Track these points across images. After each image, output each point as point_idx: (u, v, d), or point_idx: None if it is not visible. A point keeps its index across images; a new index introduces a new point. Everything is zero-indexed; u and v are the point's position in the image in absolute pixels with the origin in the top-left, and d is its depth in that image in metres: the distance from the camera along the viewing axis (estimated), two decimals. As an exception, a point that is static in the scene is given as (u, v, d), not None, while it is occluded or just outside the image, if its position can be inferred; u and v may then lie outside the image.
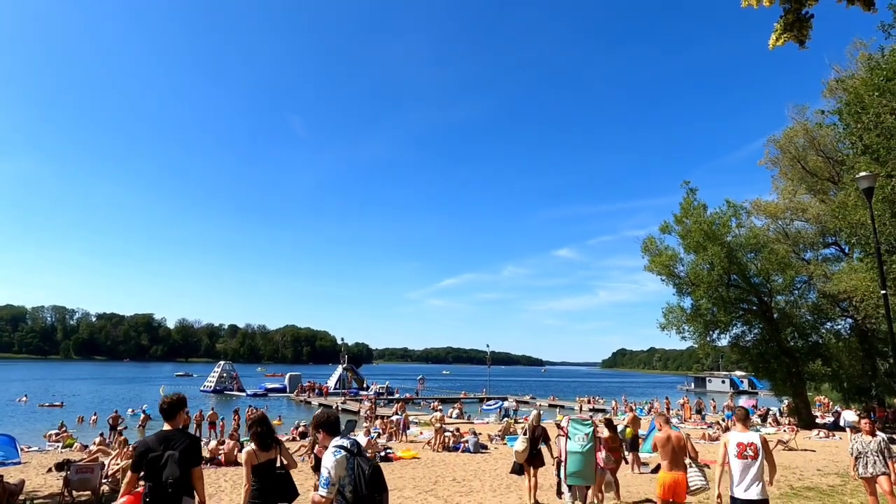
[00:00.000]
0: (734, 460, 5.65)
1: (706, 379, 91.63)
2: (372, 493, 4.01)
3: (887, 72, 12.67)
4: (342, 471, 4.02)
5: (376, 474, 4.10)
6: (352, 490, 4.00)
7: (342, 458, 4.05)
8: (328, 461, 4.04)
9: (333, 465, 4.00)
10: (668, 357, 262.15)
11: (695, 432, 23.28)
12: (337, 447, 4.13)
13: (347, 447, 4.15)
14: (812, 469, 13.98)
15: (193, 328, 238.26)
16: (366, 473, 4.04)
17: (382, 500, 4.10)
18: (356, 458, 4.10)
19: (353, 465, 4.06)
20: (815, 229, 29.90)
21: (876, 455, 7.90)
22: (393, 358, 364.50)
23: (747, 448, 5.61)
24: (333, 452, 4.07)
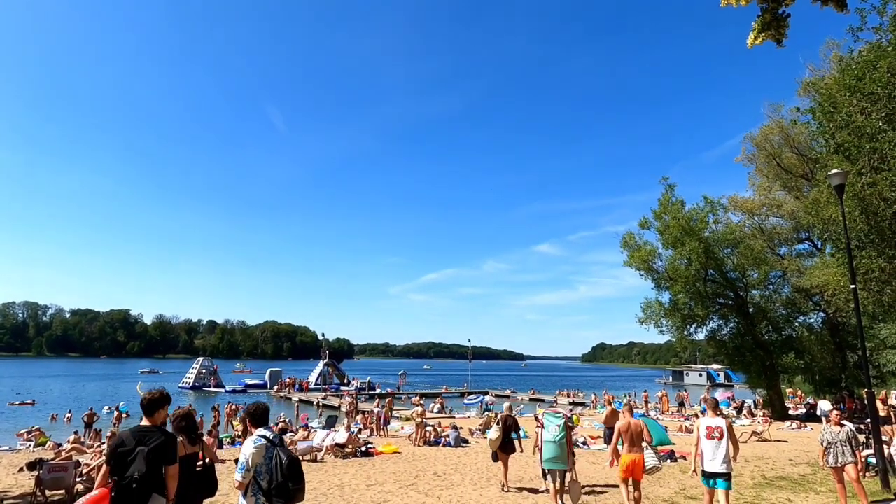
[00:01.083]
0: (704, 441, 6.94)
1: (684, 372, 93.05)
2: (286, 482, 4.21)
3: (857, 72, 12.95)
4: (259, 458, 4.26)
5: (293, 466, 4.31)
6: (267, 479, 4.22)
7: (261, 446, 4.30)
8: (247, 448, 4.29)
9: (252, 453, 4.25)
10: (646, 351, 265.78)
11: (672, 424, 23.67)
12: (259, 436, 4.38)
13: (269, 437, 4.39)
14: (784, 459, 14.32)
15: (171, 324, 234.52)
16: (283, 463, 4.25)
17: (297, 490, 4.29)
18: (276, 448, 4.34)
19: (272, 454, 4.29)
20: (790, 225, 30.53)
21: (844, 445, 8.15)
22: (374, 353, 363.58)
23: (714, 431, 6.88)
24: (254, 441, 4.33)
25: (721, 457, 6.77)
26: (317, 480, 11.42)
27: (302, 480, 4.38)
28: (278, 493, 4.21)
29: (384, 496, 9.87)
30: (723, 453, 6.77)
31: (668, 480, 11.32)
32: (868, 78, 12.61)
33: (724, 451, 6.77)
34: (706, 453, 6.90)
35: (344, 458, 14.70)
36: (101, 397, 45.30)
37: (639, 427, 8.01)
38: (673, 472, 12.31)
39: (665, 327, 28.88)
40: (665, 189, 28.72)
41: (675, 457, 14.33)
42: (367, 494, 10.02)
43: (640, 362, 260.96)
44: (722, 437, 6.84)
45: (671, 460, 13.96)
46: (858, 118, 12.88)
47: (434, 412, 31.85)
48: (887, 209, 12.97)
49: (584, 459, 13.93)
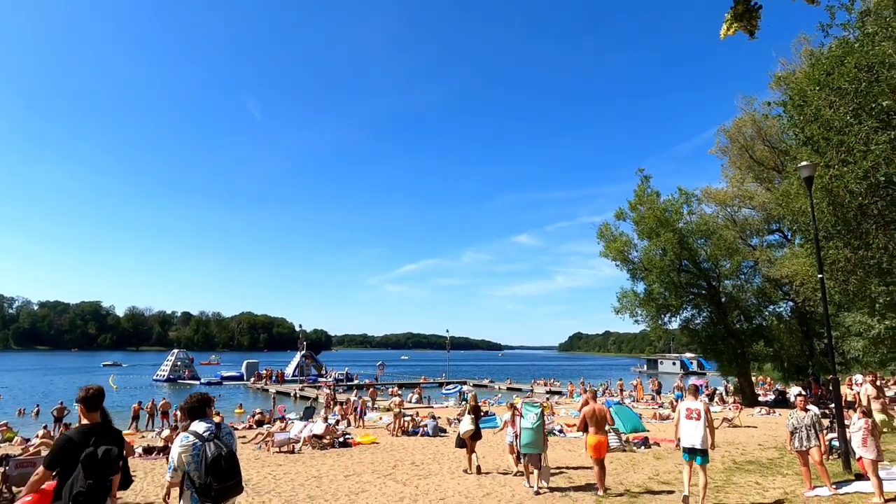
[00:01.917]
0: (684, 421, 7.89)
1: (658, 361, 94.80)
2: (209, 481, 3.94)
3: (827, 67, 13.20)
4: (188, 457, 4.00)
5: (220, 463, 4.00)
6: (197, 476, 3.98)
7: (188, 444, 4.04)
8: (175, 447, 4.05)
9: (177, 452, 4.01)
10: (622, 340, 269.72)
11: (647, 412, 24.11)
12: (188, 432, 4.13)
13: (199, 433, 4.12)
14: (754, 444, 14.70)
15: (144, 316, 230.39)
16: (207, 460, 3.97)
17: (222, 490, 3.99)
18: (206, 443, 4.05)
19: (200, 450, 4.01)
20: (761, 216, 31.15)
21: (809, 429, 8.42)
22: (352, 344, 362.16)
23: (693, 412, 7.85)
24: (182, 438, 4.09)
25: (699, 434, 7.69)
26: (294, 472, 11.37)
27: (230, 479, 4.05)
28: (203, 493, 3.96)
29: (362, 486, 9.88)
30: (700, 432, 7.69)
31: (643, 466, 11.54)
32: (837, 73, 12.87)
33: (702, 430, 7.69)
34: (686, 432, 7.83)
35: (322, 449, 14.66)
36: (72, 391, 44.31)
37: (603, 412, 9.06)
38: (647, 459, 12.55)
39: (640, 317, 29.35)
40: (641, 180, 29.08)
41: (650, 443, 14.59)
42: (345, 485, 10.01)
43: (616, 351, 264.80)
44: (700, 417, 7.77)
45: (645, 447, 14.21)
46: (827, 112, 13.16)
47: (412, 402, 31.93)
48: (853, 201, 13.31)
49: (561, 447, 14.12)
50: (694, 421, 7.83)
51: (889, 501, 7.58)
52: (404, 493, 9.23)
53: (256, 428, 20.11)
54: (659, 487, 9.39)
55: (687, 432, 7.84)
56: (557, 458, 12.41)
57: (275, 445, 14.53)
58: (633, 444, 14.37)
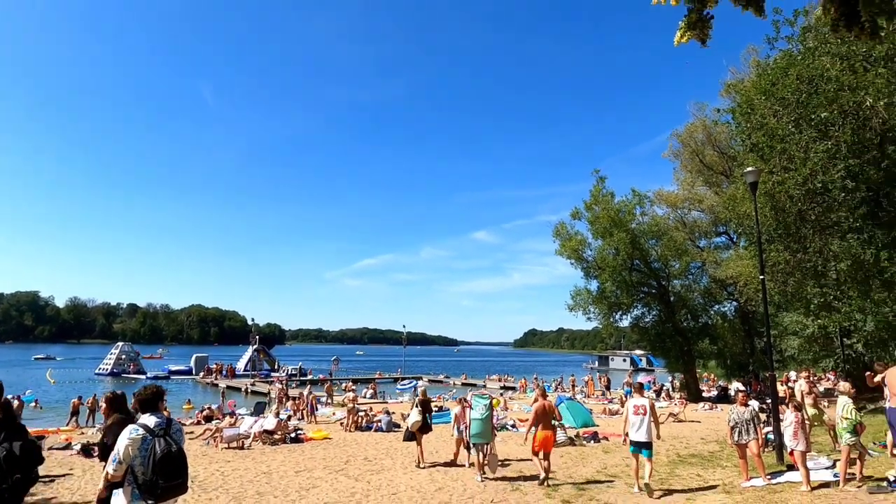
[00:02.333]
0: (632, 416, 8.55)
1: (609, 357, 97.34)
2: (156, 479, 3.85)
3: (772, 78, 13.86)
4: (134, 451, 3.89)
5: (168, 460, 3.92)
6: (142, 472, 3.88)
7: (137, 437, 3.93)
8: (122, 439, 3.92)
9: (125, 444, 3.89)
10: (575, 337, 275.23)
11: (597, 407, 24.70)
12: (136, 426, 4.01)
13: (150, 427, 4.02)
14: (697, 438, 15.30)
15: (87, 307, 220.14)
16: (156, 456, 3.89)
17: (169, 487, 3.92)
18: (156, 438, 3.96)
19: (149, 446, 3.93)
20: (709, 219, 32.38)
21: (748, 424, 8.84)
22: (307, 339, 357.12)
23: (640, 409, 8.52)
24: (131, 431, 3.96)
25: (644, 429, 8.38)
26: (243, 468, 11.15)
27: (177, 478, 3.99)
28: (147, 490, 3.86)
29: (313, 482, 9.77)
30: (646, 427, 8.38)
31: (591, 460, 11.84)
32: (781, 84, 13.52)
33: (647, 424, 8.39)
34: (633, 427, 8.48)
35: (273, 445, 14.42)
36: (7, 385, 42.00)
37: (551, 408, 9.63)
38: (595, 453, 12.88)
39: (593, 314, 30.02)
40: (596, 181, 29.67)
41: (599, 438, 14.96)
42: (296, 481, 9.88)
43: (569, 348, 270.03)
44: (645, 413, 8.44)
45: (594, 441, 14.57)
46: (771, 121, 13.80)
47: (367, 398, 31.74)
48: (793, 207, 14.02)
49: (513, 441, 14.31)
50: (640, 416, 8.45)
51: (815, 489, 8.04)
52: (356, 489, 9.18)
53: (205, 423, 19.59)
54: (606, 480, 9.67)
55: (634, 427, 8.46)
56: (510, 451, 12.59)
57: (224, 441, 14.20)
58: (583, 438, 14.71)
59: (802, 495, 7.84)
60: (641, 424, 8.41)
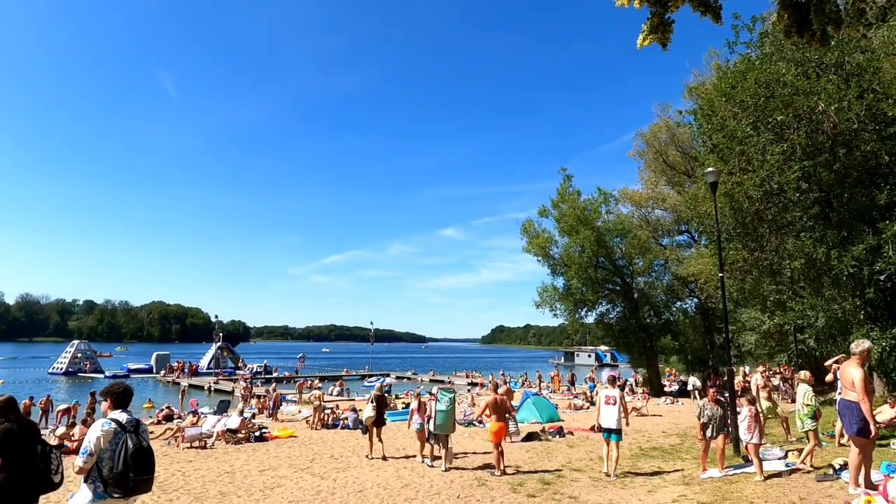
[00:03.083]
0: (603, 406, 9.43)
1: (574, 353, 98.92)
2: (127, 472, 3.93)
3: (731, 81, 14.28)
4: (105, 444, 3.96)
5: (140, 455, 4.01)
6: (109, 466, 3.94)
7: (109, 430, 4.00)
8: (93, 432, 3.99)
9: (96, 437, 3.95)
10: (542, 333, 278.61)
11: (563, 402, 25.07)
12: (109, 420, 4.08)
13: (121, 422, 4.09)
14: (658, 432, 15.69)
15: (39, 304, 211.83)
16: (128, 451, 3.97)
17: (139, 482, 4.01)
18: (127, 434, 4.05)
19: (120, 440, 4.00)
20: (672, 218, 33.17)
21: (722, 420, 9.25)
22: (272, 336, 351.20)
23: (611, 399, 9.37)
24: (103, 424, 4.04)
25: (614, 417, 9.23)
26: (205, 468, 10.93)
27: (148, 473, 4.09)
28: (116, 483, 3.91)
29: (277, 480, 9.65)
30: (615, 415, 9.25)
31: (556, 455, 12.02)
32: (740, 87, 13.94)
33: (617, 413, 9.27)
34: (604, 415, 9.37)
35: (236, 444, 14.17)
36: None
37: (504, 401, 10.40)
38: (561, 447, 13.08)
39: (559, 311, 30.50)
40: (563, 179, 30.11)
41: (564, 433, 15.18)
42: (260, 479, 9.75)
43: (536, 344, 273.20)
44: (615, 403, 9.31)
45: (560, 436, 14.79)
46: (731, 123, 14.22)
47: (333, 395, 31.47)
48: (751, 206, 14.48)
49: (480, 437, 14.40)
50: (611, 406, 9.32)
51: (768, 479, 8.37)
52: (322, 487, 9.11)
53: (165, 423, 19.11)
54: (571, 474, 9.83)
55: (605, 415, 9.33)
56: (476, 446, 12.69)
57: (185, 441, 13.89)
58: (548, 433, 14.90)
59: (756, 485, 8.15)
60: (612, 413, 9.26)
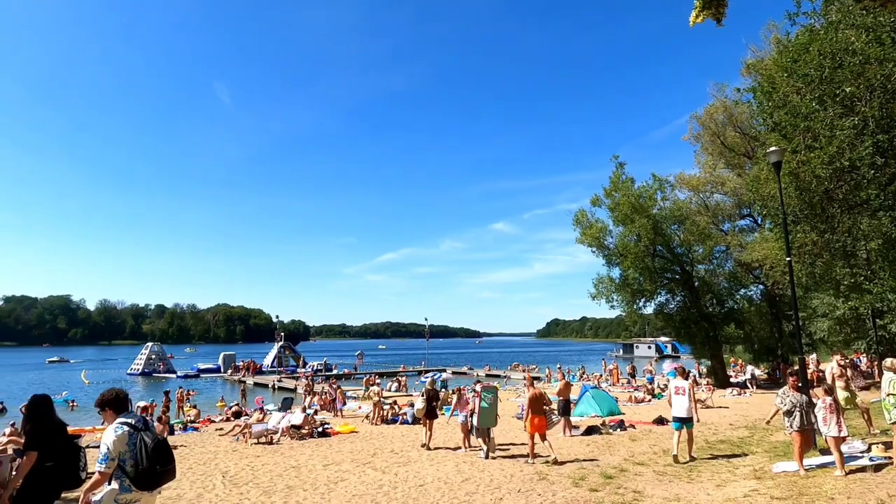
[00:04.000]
0: (674, 396, 10.05)
1: (634, 345, 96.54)
2: (153, 466, 4.18)
3: (793, 54, 13.46)
4: (123, 446, 4.16)
5: (160, 449, 4.28)
6: (133, 464, 4.15)
7: (123, 433, 4.20)
8: (108, 437, 4.18)
9: (113, 441, 4.14)
10: (598, 325, 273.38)
11: (622, 395, 24.55)
12: (120, 423, 4.27)
13: (132, 423, 4.30)
14: (725, 424, 15.11)
15: (116, 309, 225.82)
16: (148, 447, 4.22)
17: (165, 472, 4.31)
18: (140, 433, 4.27)
19: (136, 440, 4.21)
20: (733, 202, 31.75)
21: (807, 407, 8.57)
22: (331, 334, 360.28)
23: (680, 389, 9.98)
24: (115, 429, 4.23)
25: (685, 407, 9.80)
26: (272, 462, 11.33)
27: (169, 462, 4.35)
28: (143, 477, 4.16)
29: (341, 475, 9.89)
30: (686, 404, 9.80)
31: (618, 448, 11.78)
32: (802, 60, 13.13)
33: (687, 402, 9.81)
34: (675, 405, 9.94)
35: (300, 440, 14.62)
36: (44, 386, 43.31)
37: (543, 395, 10.85)
38: (622, 441, 12.81)
39: (616, 302, 29.79)
40: (616, 167, 29.35)
41: (625, 426, 14.87)
42: (324, 474, 10.02)
43: (593, 336, 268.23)
44: (685, 393, 9.85)
45: (621, 429, 14.49)
46: (794, 98, 13.43)
47: (392, 391, 32.00)
48: (818, 186, 13.64)
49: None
50: (681, 396, 9.85)
51: (850, 474, 7.88)
52: (384, 481, 9.27)
53: (234, 420, 19.94)
54: (634, 468, 9.60)
55: (676, 405, 9.89)
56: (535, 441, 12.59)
57: (252, 437, 14.44)
58: (609, 426, 14.64)
59: (836, 480, 7.70)
60: (682, 403, 9.81)
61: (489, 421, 11.23)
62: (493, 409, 11.33)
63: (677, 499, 7.54)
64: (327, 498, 8.28)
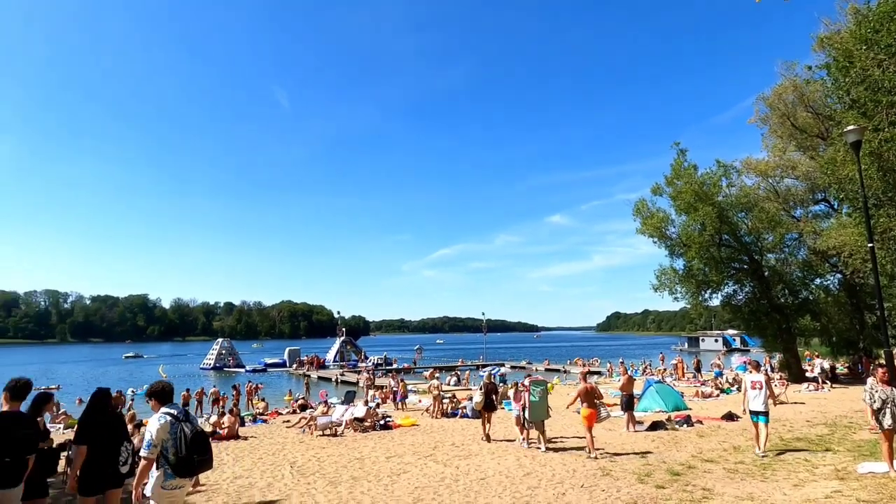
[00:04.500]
0: (750, 390, 9.96)
1: (699, 338, 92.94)
2: (191, 455, 4.50)
3: (874, 24, 12.50)
4: (165, 434, 4.50)
5: (198, 439, 4.60)
6: (174, 452, 4.47)
7: (166, 423, 4.55)
8: (153, 425, 4.54)
9: (156, 429, 4.50)
10: (661, 318, 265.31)
11: (688, 390, 23.73)
12: (163, 413, 4.63)
13: (174, 414, 4.64)
14: (801, 421, 14.33)
15: (189, 307, 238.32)
16: (187, 437, 4.54)
17: (202, 461, 4.63)
18: (181, 423, 4.61)
19: (177, 429, 4.56)
20: (805, 186, 29.92)
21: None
22: (390, 329, 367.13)
23: (756, 383, 9.93)
24: (159, 418, 4.59)
25: (761, 400, 9.76)
26: (337, 454, 11.66)
27: (207, 452, 4.64)
28: (182, 465, 4.47)
29: (403, 467, 10.06)
30: (762, 398, 9.76)
31: (686, 445, 11.40)
32: (885, 30, 12.20)
33: (763, 396, 9.77)
34: (751, 398, 9.88)
35: (363, 432, 14.96)
36: (124, 380, 46.29)
37: (594, 389, 11.05)
38: (689, 437, 12.39)
39: (679, 294, 28.74)
40: (677, 154, 28.25)
41: (692, 421, 14.36)
42: (387, 466, 10.22)
43: (656, 330, 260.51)
44: (761, 387, 9.82)
45: (688, 425, 14.01)
46: (875, 72, 12.50)
47: (451, 385, 32.22)
48: (905, 165, 12.68)
49: (601, 426, 14.00)
50: (757, 390, 9.82)
51: (948, 477, 7.29)
52: (445, 474, 9.36)
53: (299, 412, 20.66)
54: (703, 465, 9.26)
55: (752, 399, 9.83)
56: (599, 437, 12.32)
57: (318, 429, 14.91)
58: (675, 422, 14.19)
59: (930, 482, 7.15)
60: (758, 396, 9.77)
61: (540, 414, 11.46)
62: (542, 402, 11.53)
63: (750, 498, 7.21)
64: (391, 489, 8.44)
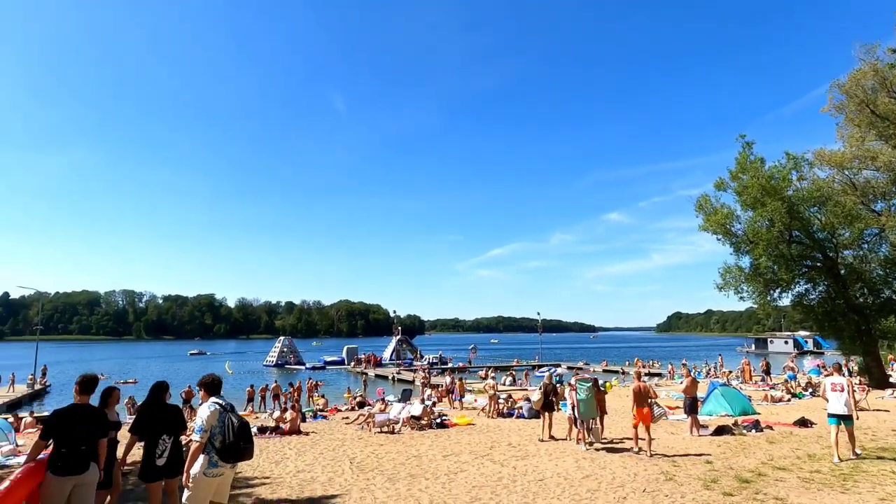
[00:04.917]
0: (830, 393, 9.85)
1: (768, 340, 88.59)
2: (238, 441, 4.93)
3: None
4: (214, 421, 4.96)
5: (244, 428, 5.01)
6: (221, 439, 4.92)
7: (216, 411, 4.99)
8: (203, 412, 5.01)
9: (207, 416, 4.97)
10: (725, 319, 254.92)
11: (756, 394, 22.64)
12: (213, 403, 5.11)
13: (222, 404, 5.11)
14: (886, 429, 13.41)
15: (252, 306, 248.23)
16: (234, 426, 4.96)
17: (247, 448, 5.02)
18: (228, 413, 5.05)
19: (225, 418, 4.99)
20: (887, 177, 27.86)
21: None
22: (445, 329, 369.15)
23: (837, 386, 9.83)
24: (209, 406, 5.07)
25: (843, 403, 9.62)
26: (395, 451, 11.82)
27: (251, 441, 5.06)
28: (231, 451, 4.91)
29: (460, 465, 10.09)
30: (843, 400, 9.63)
31: (755, 451, 10.87)
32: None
33: (845, 399, 9.63)
34: (832, 402, 9.76)
35: (420, 430, 15.09)
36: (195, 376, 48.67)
37: (646, 389, 10.98)
38: (759, 443, 11.81)
39: (746, 293, 27.42)
40: (742, 147, 27.00)
41: (761, 427, 13.68)
42: (444, 464, 10.27)
43: (720, 331, 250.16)
44: (843, 390, 9.71)
45: (756, 430, 13.36)
46: (968, 52, 11.50)
47: (507, 385, 32.06)
48: None
49: (663, 429, 13.59)
50: (838, 392, 9.70)
51: None
52: (502, 474, 9.32)
53: (358, 409, 21.10)
54: (774, 473, 8.81)
55: (833, 402, 9.70)
56: (661, 440, 11.95)
57: (375, 426, 15.17)
58: (742, 426, 13.56)
59: None
60: (840, 399, 9.62)
61: (590, 412, 11.60)
62: (590, 399, 11.63)
63: (829, 509, 6.80)
64: (448, 487, 8.48)
